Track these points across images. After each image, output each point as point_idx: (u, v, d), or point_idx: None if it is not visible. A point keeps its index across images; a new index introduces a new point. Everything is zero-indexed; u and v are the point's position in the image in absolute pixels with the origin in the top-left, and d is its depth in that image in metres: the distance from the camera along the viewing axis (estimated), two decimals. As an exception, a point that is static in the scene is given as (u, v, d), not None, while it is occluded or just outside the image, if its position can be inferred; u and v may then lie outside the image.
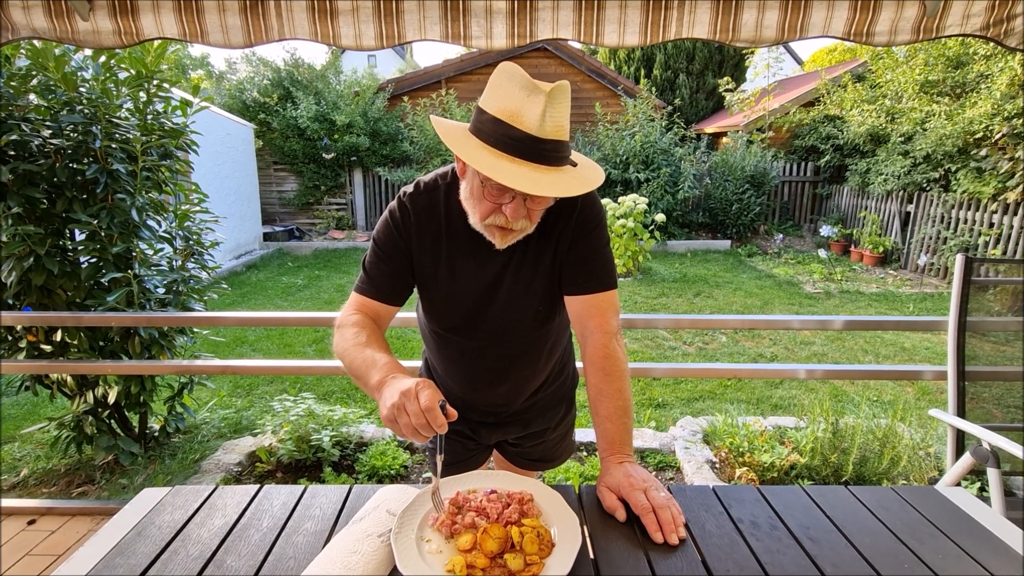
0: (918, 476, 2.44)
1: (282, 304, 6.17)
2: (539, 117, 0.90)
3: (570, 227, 1.11)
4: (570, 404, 1.41)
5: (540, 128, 0.91)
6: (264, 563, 0.87)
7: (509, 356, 1.20)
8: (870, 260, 8.11)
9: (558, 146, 0.94)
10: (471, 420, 1.31)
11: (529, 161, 0.92)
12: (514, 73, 0.93)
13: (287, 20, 1.60)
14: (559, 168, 0.95)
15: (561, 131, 0.93)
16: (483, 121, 0.95)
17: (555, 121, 0.92)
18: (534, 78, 0.93)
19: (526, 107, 0.91)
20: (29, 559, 2.08)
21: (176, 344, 2.83)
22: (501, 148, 0.92)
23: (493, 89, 0.95)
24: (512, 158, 0.92)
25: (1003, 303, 1.90)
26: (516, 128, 0.91)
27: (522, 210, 0.98)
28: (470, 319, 1.15)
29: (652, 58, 13.49)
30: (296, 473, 2.67)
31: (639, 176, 9.16)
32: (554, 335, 1.24)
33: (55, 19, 1.61)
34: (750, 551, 0.90)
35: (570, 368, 1.39)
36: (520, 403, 1.29)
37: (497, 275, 1.11)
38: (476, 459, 1.38)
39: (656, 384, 3.94)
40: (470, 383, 1.24)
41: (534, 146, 0.91)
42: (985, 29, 1.59)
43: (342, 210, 10.85)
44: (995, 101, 6.23)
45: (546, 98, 0.90)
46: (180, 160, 2.72)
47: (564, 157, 0.96)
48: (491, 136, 0.93)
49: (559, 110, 0.92)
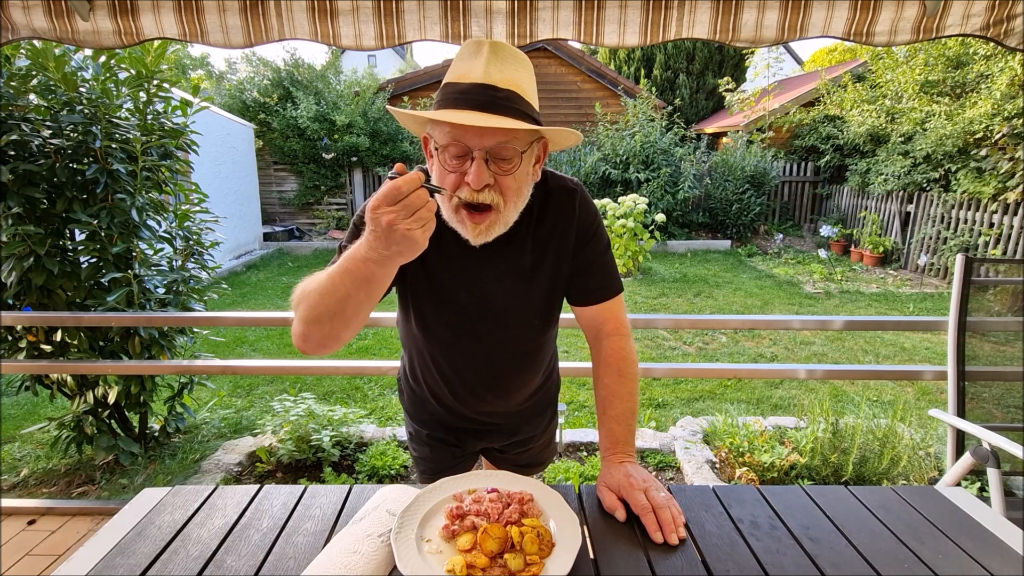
0: (918, 476, 2.44)
1: (282, 304, 6.17)
2: (483, 67, 0.88)
3: (571, 236, 1.07)
4: (555, 409, 1.40)
5: (485, 75, 0.88)
6: (264, 563, 0.87)
7: (500, 367, 1.16)
8: (870, 260, 8.11)
9: (510, 95, 0.89)
10: (455, 428, 1.27)
11: (477, 110, 0.86)
12: (464, 45, 0.94)
13: (287, 20, 1.60)
14: (516, 120, 0.88)
15: (513, 84, 0.89)
16: (437, 93, 0.94)
17: (504, 74, 0.89)
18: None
19: (471, 65, 0.90)
20: (29, 559, 2.08)
21: (176, 344, 2.83)
22: (448, 105, 0.89)
23: (450, 67, 0.95)
24: (460, 110, 0.87)
25: (1003, 303, 1.90)
26: (461, 82, 0.89)
27: (485, 174, 0.89)
28: (462, 330, 1.10)
29: (652, 58, 13.49)
30: (296, 473, 2.67)
31: (639, 176, 9.16)
32: (546, 345, 1.22)
33: (55, 19, 1.61)
34: (750, 551, 0.90)
35: (555, 374, 1.36)
36: (507, 412, 1.26)
37: (490, 285, 1.07)
38: (463, 466, 1.35)
39: (656, 384, 3.94)
40: (457, 395, 1.19)
41: (482, 93, 0.87)
42: (985, 29, 1.59)
43: (342, 210, 10.85)
44: (995, 101, 6.23)
45: (488, 48, 0.90)
46: (180, 160, 2.72)
47: (521, 111, 0.90)
48: (440, 100, 0.91)
49: (509, 66, 0.90)
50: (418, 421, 1.30)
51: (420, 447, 1.33)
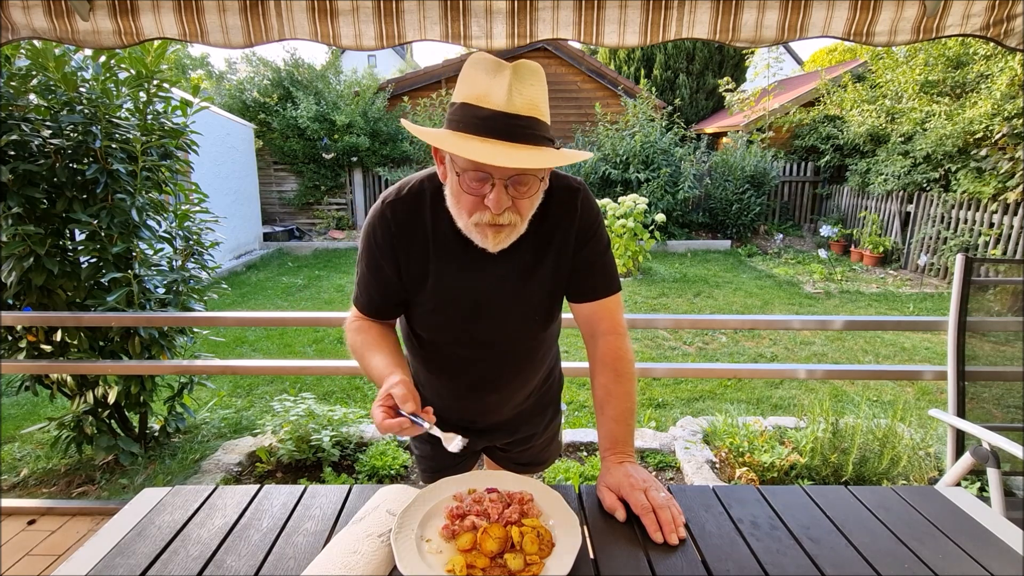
0: (918, 476, 2.44)
1: (282, 304, 6.17)
2: (505, 93, 0.87)
3: (572, 236, 1.08)
4: (556, 408, 1.40)
5: (508, 103, 0.86)
6: (264, 563, 0.87)
7: (501, 366, 1.17)
8: (870, 260, 8.11)
9: (532, 123, 0.88)
10: (457, 427, 1.26)
11: (500, 139, 0.86)
12: (479, 60, 0.91)
13: (287, 20, 1.59)
14: (537, 147, 0.89)
15: (534, 109, 0.88)
16: (453, 111, 0.92)
17: (525, 98, 0.88)
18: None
19: (492, 86, 0.88)
20: (29, 559, 2.08)
21: (176, 344, 2.83)
22: (470, 131, 0.88)
23: (461, 80, 0.93)
24: (482, 138, 0.87)
25: (1003, 303, 1.90)
26: (483, 107, 0.87)
27: (505, 199, 0.91)
28: (462, 329, 1.11)
29: (652, 58, 13.49)
30: (296, 473, 2.67)
31: (639, 176, 9.16)
32: (547, 343, 1.23)
33: (55, 19, 1.61)
34: (750, 551, 0.90)
35: (556, 373, 1.37)
36: (508, 411, 1.26)
37: (491, 284, 1.07)
38: (464, 465, 1.36)
39: (656, 384, 3.94)
40: (458, 393, 1.20)
41: (504, 122, 0.86)
42: (985, 29, 1.59)
43: (342, 210, 10.85)
44: (995, 101, 6.23)
45: (511, 72, 0.88)
46: (180, 160, 2.72)
47: (542, 136, 0.90)
48: (460, 122, 0.90)
49: (529, 88, 0.89)
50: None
51: (422, 445, 1.34)
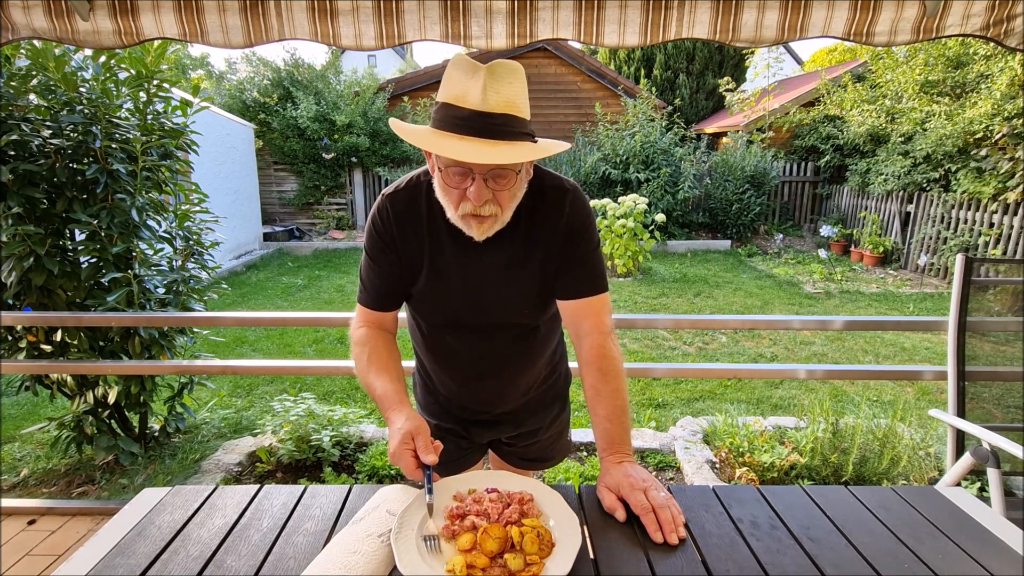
0: (918, 476, 2.44)
1: (282, 304, 6.17)
2: (480, 92, 0.92)
3: (560, 231, 1.11)
4: (564, 404, 1.41)
5: (483, 102, 0.92)
6: (264, 563, 0.87)
7: (498, 353, 1.20)
8: (870, 260, 8.11)
9: (508, 119, 0.94)
10: (463, 419, 1.31)
11: (477, 136, 0.92)
12: (458, 61, 0.96)
13: (287, 20, 1.59)
14: (512, 142, 0.94)
15: (510, 106, 0.94)
16: (436, 110, 0.99)
17: (501, 96, 0.93)
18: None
19: (468, 87, 0.93)
20: (29, 559, 2.08)
21: (176, 344, 2.83)
22: (449, 129, 0.94)
23: (443, 80, 0.98)
24: (460, 136, 0.93)
25: (1003, 303, 1.90)
26: (461, 107, 0.93)
27: (485, 192, 0.97)
28: (458, 316, 1.16)
29: (652, 58, 13.49)
30: (296, 473, 2.67)
31: (639, 176, 9.16)
32: (544, 334, 1.24)
33: (55, 19, 1.61)
34: (750, 551, 0.90)
35: (563, 368, 1.39)
36: (512, 401, 1.29)
37: (483, 273, 1.12)
38: (470, 458, 1.38)
39: (656, 384, 3.94)
40: (461, 380, 1.25)
41: (480, 120, 0.92)
42: (985, 29, 1.59)
43: (342, 210, 10.85)
44: (995, 101, 6.23)
45: (485, 73, 0.93)
46: (180, 160, 2.72)
47: (519, 132, 0.95)
48: (440, 120, 0.96)
49: (507, 86, 0.94)
50: (428, 412, 1.35)
51: None
